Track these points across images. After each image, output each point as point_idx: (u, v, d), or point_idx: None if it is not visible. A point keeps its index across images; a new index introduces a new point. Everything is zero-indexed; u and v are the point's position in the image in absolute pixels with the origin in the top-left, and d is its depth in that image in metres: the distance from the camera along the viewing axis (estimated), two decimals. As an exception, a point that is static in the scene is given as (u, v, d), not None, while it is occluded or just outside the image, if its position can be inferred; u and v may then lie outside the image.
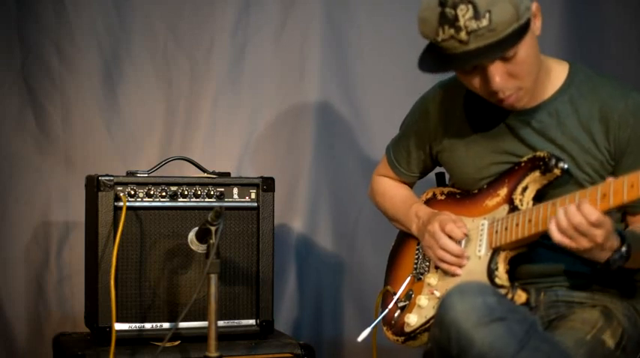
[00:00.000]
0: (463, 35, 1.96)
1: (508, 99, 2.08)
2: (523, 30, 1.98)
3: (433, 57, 2.04)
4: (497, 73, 2.02)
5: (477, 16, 1.94)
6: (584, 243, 1.90)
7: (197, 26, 3.17)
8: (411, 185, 2.51)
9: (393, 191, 2.50)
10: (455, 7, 1.95)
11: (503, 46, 1.96)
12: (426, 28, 2.02)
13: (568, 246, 1.92)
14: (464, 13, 1.94)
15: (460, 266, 2.17)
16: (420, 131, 2.37)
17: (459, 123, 2.27)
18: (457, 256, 2.17)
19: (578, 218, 1.88)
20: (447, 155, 2.31)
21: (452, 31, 1.96)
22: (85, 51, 3.07)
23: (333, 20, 3.28)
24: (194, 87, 3.18)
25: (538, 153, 2.12)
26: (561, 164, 2.07)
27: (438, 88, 2.35)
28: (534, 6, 2.04)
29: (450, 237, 2.19)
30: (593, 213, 1.86)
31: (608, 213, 1.88)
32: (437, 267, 2.25)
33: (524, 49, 2.00)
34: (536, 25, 2.05)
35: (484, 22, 1.94)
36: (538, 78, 2.10)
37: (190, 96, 3.18)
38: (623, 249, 1.95)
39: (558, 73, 2.16)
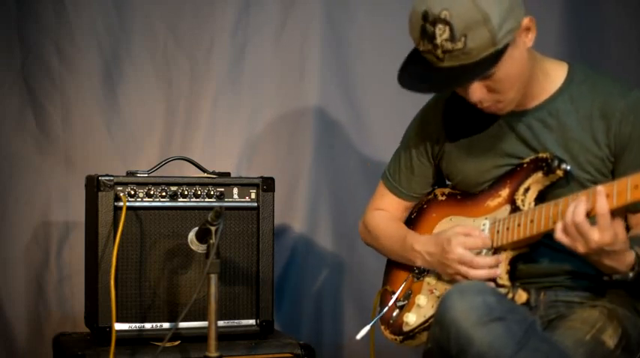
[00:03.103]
0: (439, 53, 1.98)
1: (488, 109, 2.10)
2: (499, 54, 1.97)
3: (414, 69, 2.06)
4: (476, 88, 2.04)
5: (452, 38, 1.95)
6: (579, 246, 1.88)
7: (197, 26, 3.17)
8: (410, 206, 2.42)
9: (387, 231, 2.40)
10: (434, 24, 1.97)
11: (476, 71, 1.98)
12: (411, 34, 2.06)
13: (567, 245, 1.91)
14: (441, 33, 1.96)
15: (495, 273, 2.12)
16: (421, 141, 2.34)
17: (459, 128, 2.27)
18: (494, 266, 2.11)
19: (580, 217, 1.86)
20: (448, 159, 2.30)
21: (430, 46, 1.99)
22: (85, 51, 3.07)
23: (333, 20, 3.28)
24: (194, 87, 3.18)
25: (541, 155, 2.12)
26: (564, 165, 2.07)
27: (435, 97, 2.34)
28: (526, 20, 2.02)
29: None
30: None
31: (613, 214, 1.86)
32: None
33: (504, 69, 2.01)
34: (528, 38, 2.04)
35: (459, 45, 1.95)
36: (534, 81, 2.11)
37: (190, 96, 3.18)
38: (630, 274, 1.94)
39: (557, 72, 2.16)
